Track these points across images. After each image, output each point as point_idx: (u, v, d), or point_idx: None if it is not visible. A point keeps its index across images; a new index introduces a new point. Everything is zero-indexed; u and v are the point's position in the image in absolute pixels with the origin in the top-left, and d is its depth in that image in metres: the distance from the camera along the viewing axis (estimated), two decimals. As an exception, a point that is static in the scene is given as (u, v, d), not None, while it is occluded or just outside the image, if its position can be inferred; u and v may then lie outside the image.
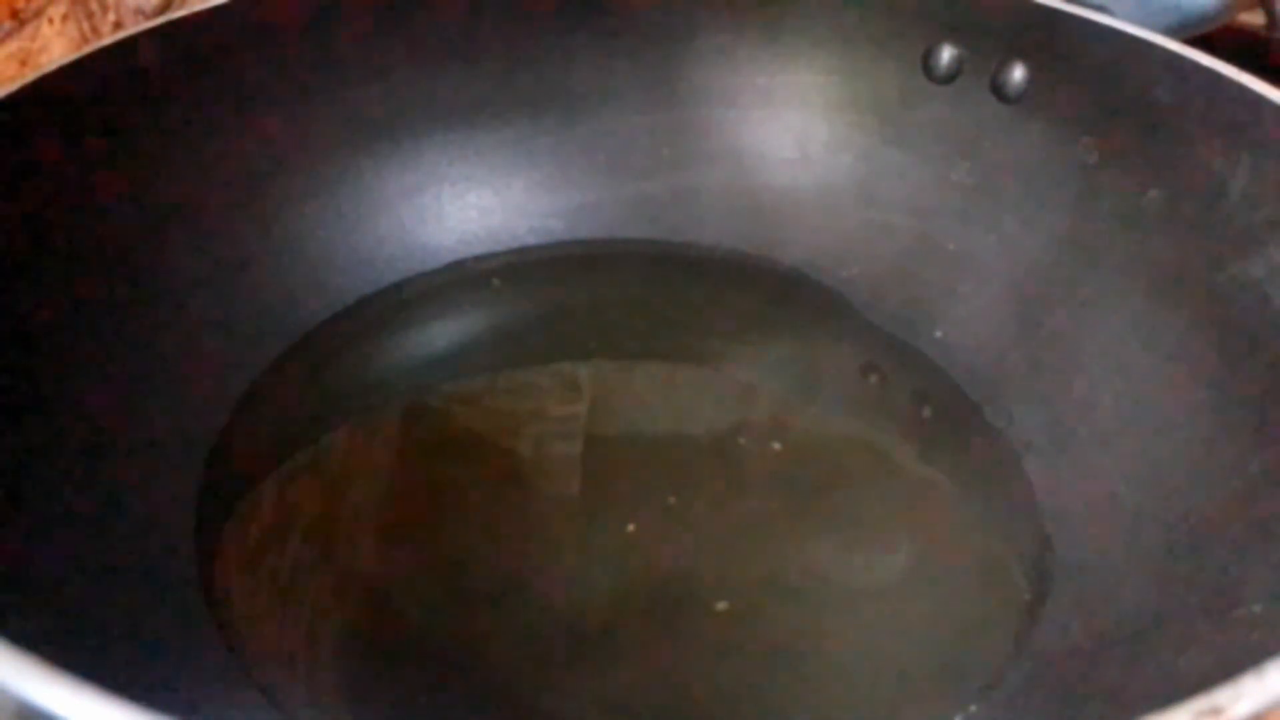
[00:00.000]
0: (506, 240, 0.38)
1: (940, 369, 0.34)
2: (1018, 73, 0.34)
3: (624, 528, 0.29)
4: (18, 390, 0.26)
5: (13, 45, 0.39)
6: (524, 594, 0.27)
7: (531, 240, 0.38)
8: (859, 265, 0.37)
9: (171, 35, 0.32)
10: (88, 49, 0.30)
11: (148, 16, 0.41)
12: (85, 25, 0.42)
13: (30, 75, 0.28)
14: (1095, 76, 0.32)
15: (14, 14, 0.39)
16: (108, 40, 0.31)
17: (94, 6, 0.42)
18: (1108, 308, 0.31)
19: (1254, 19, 0.43)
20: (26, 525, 0.24)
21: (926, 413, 0.34)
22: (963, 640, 0.27)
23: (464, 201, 0.38)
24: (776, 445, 0.32)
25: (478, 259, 0.37)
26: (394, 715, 0.25)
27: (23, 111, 0.28)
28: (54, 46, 0.41)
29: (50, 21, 0.41)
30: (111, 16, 0.43)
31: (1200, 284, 0.29)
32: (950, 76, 0.35)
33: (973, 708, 0.25)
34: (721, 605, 0.27)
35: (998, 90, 0.34)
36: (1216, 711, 0.15)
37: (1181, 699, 0.15)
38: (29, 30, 0.40)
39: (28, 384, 0.27)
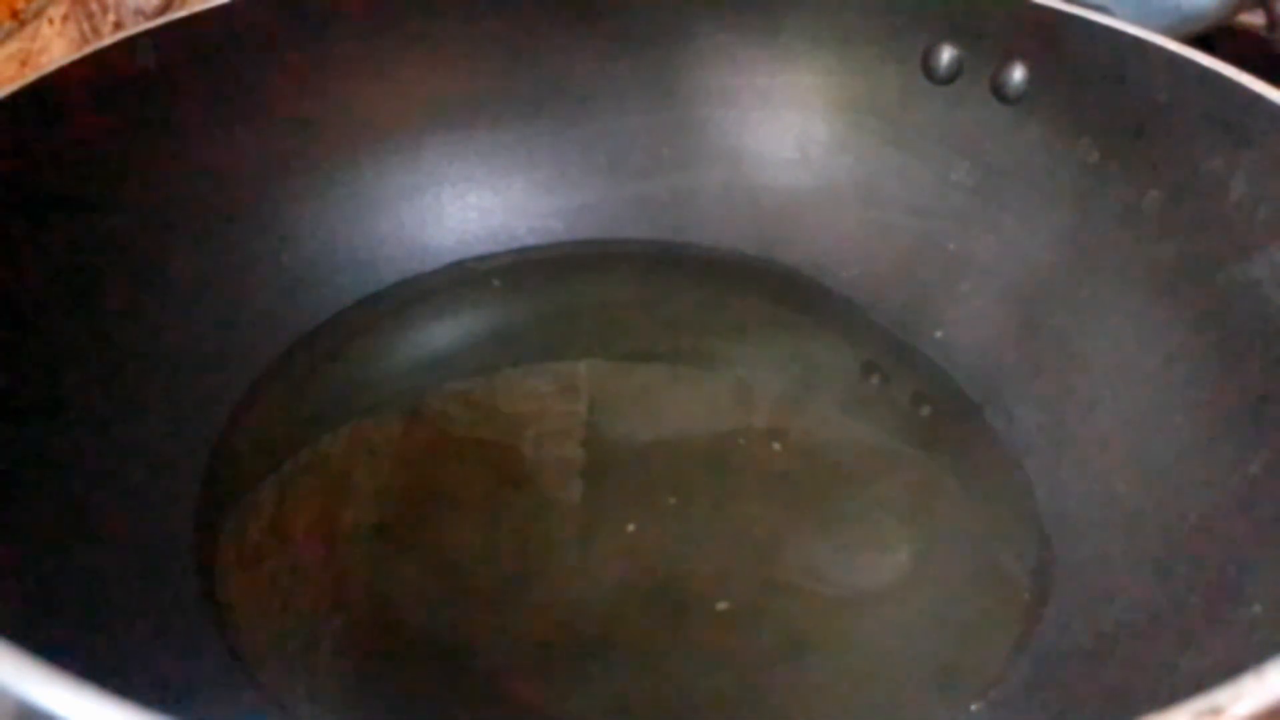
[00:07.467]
0: (506, 240, 0.38)
1: (940, 369, 0.34)
2: (1018, 73, 0.34)
3: (624, 528, 0.29)
4: (18, 390, 0.26)
5: (13, 45, 0.39)
6: (524, 594, 0.27)
7: (531, 240, 0.38)
8: (859, 265, 0.37)
9: (171, 35, 0.32)
10: (88, 49, 0.30)
11: (148, 16, 0.41)
12: (85, 25, 0.42)
13: (30, 75, 0.28)
14: (1095, 76, 0.32)
15: (14, 14, 0.39)
16: (108, 40, 0.31)
17: (94, 7, 0.42)
18: (1108, 308, 0.31)
19: (1254, 19, 0.43)
20: (26, 526, 0.24)
21: (926, 413, 0.34)
22: (963, 640, 0.27)
23: (464, 201, 0.38)
24: (776, 445, 0.32)
25: (478, 259, 0.37)
26: (394, 715, 0.25)
27: (22, 112, 0.28)
28: (54, 47, 0.41)
29: (50, 22, 0.41)
30: (111, 16, 0.43)
31: (1200, 284, 0.29)
32: (950, 76, 0.35)
33: (973, 707, 0.25)
34: (721, 605, 0.27)
35: (998, 90, 0.34)
36: (1216, 711, 0.15)
37: (1181, 699, 0.15)
38: (29, 30, 0.40)
39: (28, 384, 0.27)
